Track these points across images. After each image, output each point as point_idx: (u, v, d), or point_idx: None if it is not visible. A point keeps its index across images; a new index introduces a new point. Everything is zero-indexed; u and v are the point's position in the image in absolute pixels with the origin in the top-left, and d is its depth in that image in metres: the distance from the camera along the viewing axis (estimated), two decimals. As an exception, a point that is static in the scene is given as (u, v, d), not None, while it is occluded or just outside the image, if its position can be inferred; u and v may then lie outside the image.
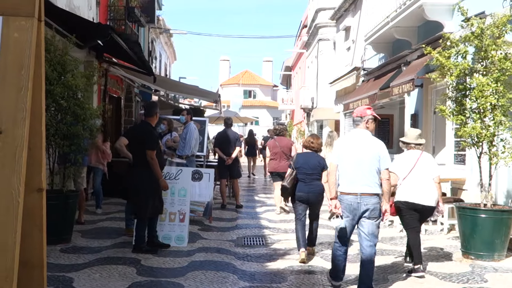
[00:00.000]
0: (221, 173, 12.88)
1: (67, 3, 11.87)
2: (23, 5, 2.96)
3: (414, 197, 7.04)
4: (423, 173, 7.12)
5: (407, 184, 7.11)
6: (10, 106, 2.91)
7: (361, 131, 6.20)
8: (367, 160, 5.94)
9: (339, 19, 25.22)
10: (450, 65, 8.12)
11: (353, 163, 5.96)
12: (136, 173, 7.77)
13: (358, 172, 5.92)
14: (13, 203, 2.84)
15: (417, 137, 7.45)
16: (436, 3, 11.54)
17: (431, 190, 7.09)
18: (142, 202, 7.74)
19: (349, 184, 5.95)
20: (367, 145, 6.06)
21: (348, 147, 6.12)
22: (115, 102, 18.22)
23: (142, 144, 7.72)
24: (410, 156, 7.31)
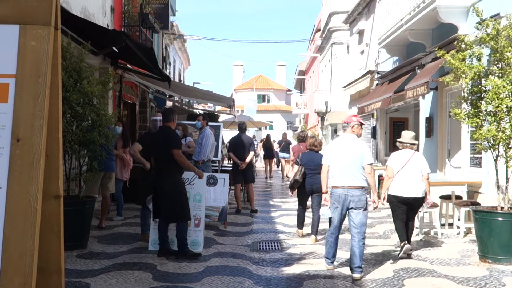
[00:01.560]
0: (235, 178, 12.88)
1: (82, 11, 11.98)
2: (40, 14, 3.00)
3: (404, 191, 8.11)
4: (414, 170, 8.16)
5: (399, 179, 8.17)
6: (28, 114, 2.94)
7: (347, 135, 7.31)
8: (353, 158, 7.02)
9: (353, 23, 25.18)
10: (464, 67, 8.07)
11: (341, 161, 7.06)
12: (165, 178, 7.82)
13: (346, 169, 7.00)
14: (31, 210, 2.87)
15: (411, 138, 8.49)
16: (450, 5, 11.48)
17: (420, 184, 8.13)
18: (178, 205, 7.80)
19: (339, 179, 7.04)
20: (352, 146, 7.13)
21: (338, 149, 7.24)
22: (129, 108, 18.33)
23: (167, 147, 7.76)
24: (404, 154, 8.35)
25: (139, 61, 13.17)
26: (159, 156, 7.95)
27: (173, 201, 7.77)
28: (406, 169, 8.15)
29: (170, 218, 7.90)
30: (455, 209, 10.04)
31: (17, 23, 3.01)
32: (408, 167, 8.16)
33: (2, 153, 2.96)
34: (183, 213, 7.83)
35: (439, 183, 11.13)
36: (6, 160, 2.95)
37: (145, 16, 17.07)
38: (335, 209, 7.09)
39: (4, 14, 3.02)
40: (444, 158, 13.08)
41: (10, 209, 2.89)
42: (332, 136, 33.40)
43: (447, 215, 10.53)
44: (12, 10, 3.01)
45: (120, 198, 11.23)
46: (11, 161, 2.94)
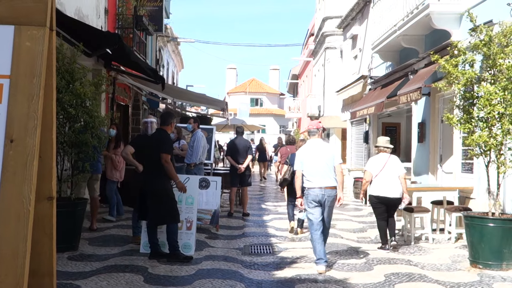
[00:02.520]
0: (232, 181, 12.89)
1: (76, 12, 11.96)
2: (35, 15, 2.99)
3: (383, 191, 9.02)
4: (391, 172, 9.03)
5: (378, 181, 9.09)
6: (21, 115, 2.93)
7: (317, 140, 8.04)
8: (325, 160, 7.70)
9: (346, 28, 25.25)
10: (457, 73, 8.11)
11: (316, 164, 7.68)
12: (154, 180, 7.81)
13: (320, 171, 7.65)
14: (24, 211, 2.86)
15: (386, 142, 9.39)
16: (444, 11, 11.53)
17: (397, 185, 8.99)
18: (170, 207, 7.80)
19: (314, 180, 7.63)
20: (324, 149, 7.87)
21: (311, 153, 7.81)
22: (122, 110, 18.30)
23: (158, 150, 7.76)
24: (380, 158, 9.25)
25: (132, 63, 13.16)
26: (150, 158, 7.93)
27: (162, 203, 7.77)
28: (384, 171, 9.06)
29: (159, 220, 7.90)
30: (447, 214, 10.08)
31: (12, 23, 3.00)
32: (386, 170, 9.06)
33: (-5, 153, 2.95)
34: (172, 215, 7.83)
35: (431, 188, 11.18)
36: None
37: (139, 18, 17.06)
38: (315, 207, 7.65)
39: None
40: (436, 164, 13.13)
41: (2, 210, 2.88)
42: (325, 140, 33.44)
43: (438, 220, 10.58)
44: (7, 11, 3.00)
45: (112, 198, 11.22)
46: (4, 161, 2.93)
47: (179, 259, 7.73)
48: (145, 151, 8.17)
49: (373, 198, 9.25)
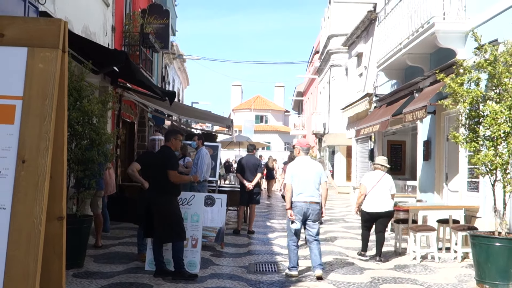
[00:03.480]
0: (241, 199, 12.90)
1: (84, 29, 12.06)
2: (48, 37, 3.03)
3: (375, 207, 9.62)
4: (383, 189, 9.66)
5: (371, 196, 9.67)
6: (33, 136, 2.97)
7: (306, 157, 8.65)
8: (312, 177, 8.34)
9: (351, 46, 25.36)
10: (463, 92, 8.13)
11: (304, 180, 8.30)
12: (160, 198, 7.82)
13: (306, 186, 8.26)
14: (35, 231, 2.88)
15: (383, 161, 10.06)
16: (449, 30, 11.58)
17: (388, 201, 9.66)
18: (176, 225, 7.80)
19: (301, 195, 8.25)
20: (311, 167, 8.47)
21: (299, 169, 8.42)
22: (128, 127, 18.36)
23: (163, 168, 7.78)
24: (375, 175, 9.90)
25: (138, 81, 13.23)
26: (155, 176, 7.96)
27: (168, 221, 7.77)
28: (377, 188, 9.67)
29: (165, 237, 7.89)
30: (453, 233, 10.05)
31: (25, 45, 3.05)
32: (379, 186, 9.67)
33: (7, 174, 2.98)
34: (178, 233, 7.82)
35: (437, 207, 11.15)
36: (11, 181, 2.97)
37: (145, 36, 17.18)
38: (298, 220, 8.28)
39: (13, 37, 3.06)
40: (441, 182, 13.11)
41: (13, 230, 2.90)
42: (330, 157, 33.47)
43: (444, 239, 10.53)
44: (21, 33, 3.05)
45: (105, 214, 11.26)
46: (16, 182, 2.96)
47: (184, 277, 7.72)
48: (151, 168, 8.21)
49: (364, 212, 9.84)
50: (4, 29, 3.06)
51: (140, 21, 17.63)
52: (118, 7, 15.91)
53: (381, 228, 9.79)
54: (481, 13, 10.83)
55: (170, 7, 22.69)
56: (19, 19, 3.10)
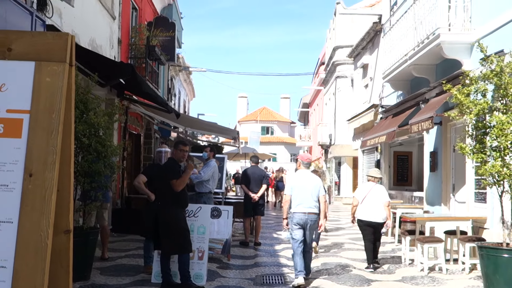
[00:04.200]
0: (245, 210, 12.88)
1: (90, 42, 12.13)
2: (55, 51, 3.06)
3: (368, 216, 10.06)
4: (375, 199, 10.07)
5: (364, 206, 10.14)
6: (41, 149, 2.99)
7: (306, 171, 9.19)
8: (311, 189, 8.80)
9: (357, 57, 25.40)
10: (469, 103, 8.11)
11: (303, 192, 8.78)
12: (166, 210, 7.82)
13: (305, 198, 8.74)
14: (42, 245, 2.89)
15: (374, 173, 10.59)
16: (454, 41, 11.60)
17: (380, 211, 10.02)
18: (182, 237, 7.79)
19: (299, 206, 8.73)
20: (311, 180, 8.93)
21: (298, 182, 8.91)
22: (134, 139, 18.40)
23: (166, 179, 7.81)
24: (367, 187, 10.38)
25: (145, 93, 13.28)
26: (160, 188, 7.97)
27: (174, 233, 7.76)
28: (368, 198, 10.13)
29: (171, 250, 7.87)
30: (460, 244, 9.99)
31: (33, 59, 3.07)
32: (370, 197, 10.12)
33: (14, 187, 3.00)
34: (184, 245, 7.80)
35: (444, 218, 11.09)
36: (18, 195, 2.98)
37: (151, 48, 17.27)
38: (298, 229, 8.71)
39: (21, 51, 3.08)
40: (448, 193, 13.06)
41: (21, 243, 2.91)
42: (336, 168, 33.43)
43: (451, 251, 10.47)
44: (28, 47, 3.07)
45: None
46: (23, 196, 2.97)
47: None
48: (155, 181, 8.23)
49: (359, 221, 10.30)
50: (11, 44, 3.09)
51: (146, 34, 17.73)
52: (124, 20, 16.01)
53: (378, 237, 10.35)
54: (487, 24, 10.84)
55: (176, 19, 22.81)
56: (27, 34, 3.13)
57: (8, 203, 3.00)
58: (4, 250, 2.95)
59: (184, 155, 8.12)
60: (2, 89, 3.10)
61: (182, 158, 8.09)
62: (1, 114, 3.10)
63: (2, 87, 3.09)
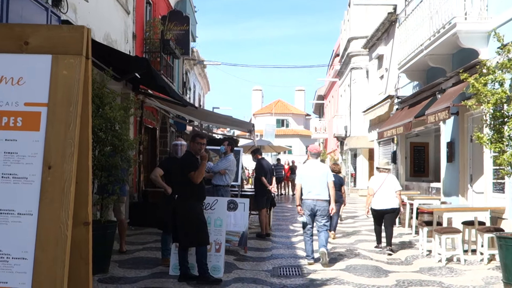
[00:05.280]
0: (262, 202, 12.90)
1: (105, 37, 12.18)
2: (72, 44, 3.07)
3: (381, 205, 10.79)
4: (388, 188, 10.79)
5: (378, 196, 10.84)
6: (59, 142, 3.00)
7: (316, 161, 9.91)
8: (319, 177, 9.53)
9: (372, 48, 25.24)
10: (487, 92, 8.03)
11: (312, 181, 9.54)
12: (183, 203, 7.85)
13: (314, 185, 9.50)
14: (62, 236, 2.91)
15: (385, 164, 11.49)
16: (471, 30, 11.47)
17: (393, 199, 10.75)
18: (200, 230, 7.81)
19: (309, 193, 9.52)
20: (318, 168, 9.69)
21: (307, 170, 9.75)
22: (150, 133, 18.47)
23: (183, 173, 7.83)
24: (380, 177, 11.07)
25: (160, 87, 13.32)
26: (179, 181, 7.99)
27: (191, 226, 7.78)
28: (382, 188, 10.80)
29: (188, 242, 7.89)
30: (478, 235, 9.92)
31: (49, 53, 3.09)
32: (384, 187, 10.80)
33: (33, 180, 3.02)
34: (201, 238, 7.83)
35: (461, 208, 11.03)
36: (37, 187, 3.01)
37: (166, 43, 17.30)
38: (308, 215, 9.52)
39: (38, 45, 3.10)
40: (466, 184, 12.97)
41: (41, 235, 2.94)
42: (352, 160, 33.34)
43: (470, 241, 10.41)
44: (45, 41, 3.09)
45: None
46: (43, 188, 3.00)
47: (208, 282, 7.72)
48: (173, 174, 8.26)
49: (372, 210, 11.04)
50: (28, 37, 3.11)
51: (160, 28, 17.76)
52: (138, 15, 16.05)
53: (389, 223, 10.90)
54: (503, 13, 10.71)
55: (190, 13, 22.82)
56: (43, 27, 3.14)
57: (27, 196, 3.02)
58: (24, 242, 2.98)
59: (201, 147, 8.08)
60: (20, 83, 3.12)
61: (199, 150, 8.06)
62: (19, 107, 3.12)
63: (20, 80, 3.12)
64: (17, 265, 2.96)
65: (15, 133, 3.09)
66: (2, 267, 2.99)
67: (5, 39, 3.12)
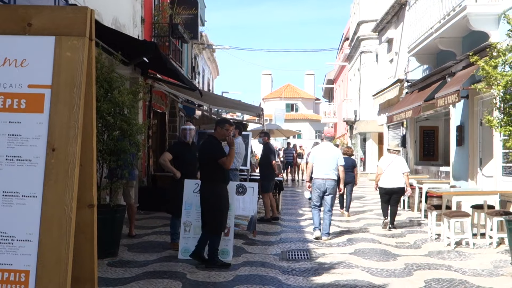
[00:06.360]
0: (270, 186, 12.92)
1: (113, 22, 12.15)
2: (75, 25, 3.05)
3: (389, 183, 11.59)
4: (396, 169, 11.57)
5: (385, 175, 11.62)
6: (63, 124, 3.00)
7: (328, 143, 10.79)
8: (330, 159, 10.41)
9: (382, 31, 25.07)
10: (497, 75, 7.96)
11: (323, 161, 10.40)
12: (209, 188, 7.85)
13: (324, 166, 10.37)
14: (66, 219, 2.91)
15: (395, 146, 12.21)
16: (481, 13, 11.35)
17: (400, 178, 11.54)
18: (219, 217, 7.82)
19: (319, 172, 10.40)
20: (330, 151, 10.57)
21: (320, 152, 10.58)
22: (159, 118, 18.48)
23: (210, 158, 7.81)
24: (389, 157, 11.90)
25: (169, 71, 13.30)
26: (203, 166, 8.00)
27: (215, 211, 7.80)
28: (390, 168, 11.60)
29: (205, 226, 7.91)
30: (487, 219, 9.89)
31: (53, 34, 3.07)
32: (391, 167, 11.59)
33: (37, 162, 3.02)
34: (218, 225, 7.83)
35: (471, 192, 10.97)
36: (41, 169, 3.01)
37: (174, 27, 17.24)
38: (317, 194, 10.40)
39: (41, 26, 3.08)
40: (475, 167, 12.91)
41: (45, 217, 2.95)
42: (361, 144, 33.26)
43: (479, 225, 10.38)
44: (48, 22, 3.07)
45: None
46: (47, 170, 3.00)
47: (217, 266, 7.75)
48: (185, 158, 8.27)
49: (380, 189, 11.86)
50: (31, 18, 3.09)
51: (169, 12, 17.70)
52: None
53: (394, 202, 11.82)
54: (515, -6, 10.58)
55: (198, -3, 22.69)
56: (46, 8, 3.12)
57: (32, 178, 3.03)
58: (29, 224, 2.99)
59: (229, 134, 8.08)
60: (23, 65, 3.11)
61: (225, 136, 8.05)
62: (23, 89, 3.12)
63: (23, 62, 3.11)
64: (22, 247, 2.97)
65: (19, 115, 3.08)
66: (7, 249, 3.00)
67: (8, 21, 3.10)
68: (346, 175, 12.11)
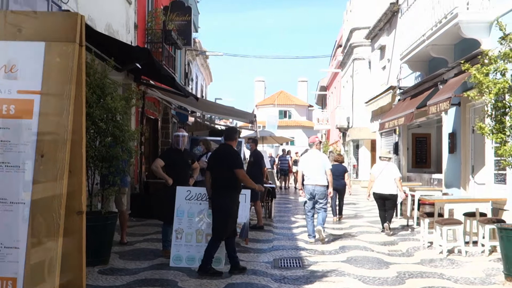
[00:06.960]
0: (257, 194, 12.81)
1: (106, 28, 12.12)
2: (65, 31, 3.04)
3: (381, 189, 12.11)
4: (388, 175, 12.08)
5: (378, 182, 12.15)
6: (52, 130, 2.97)
7: (314, 150, 11.26)
8: (318, 166, 10.84)
9: (374, 38, 25.14)
10: (489, 82, 7.98)
11: (310, 168, 10.91)
12: (220, 195, 7.85)
13: (312, 173, 10.84)
14: (54, 225, 2.89)
15: (386, 153, 12.84)
16: (473, 20, 11.40)
17: (392, 185, 12.06)
18: (223, 223, 7.81)
19: (309, 179, 10.86)
20: (317, 157, 11.00)
21: (307, 160, 11.15)
22: (152, 124, 18.44)
23: (225, 165, 7.83)
24: (380, 165, 12.52)
25: (162, 77, 13.28)
26: (218, 173, 7.96)
27: (221, 217, 7.81)
28: (382, 174, 12.12)
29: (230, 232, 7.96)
30: (480, 226, 9.89)
31: (43, 40, 3.05)
32: (383, 173, 12.11)
33: (26, 168, 3.00)
34: (220, 231, 7.82)
35: (463, 200, 10.99)
36: (30, 176, 2.98)
37: (168, 33, 17.23)
38: (309, 199, 10.88)
39: (31, 32, 3.06)
40: (467, 175, 12.93)
41: (33, 224, 2.92)
42: (354, 151, 33.31)
43: (471, 233, 10.38)
44: (38, 28, 3.05)
45: None
46: (35, 176, 2.98)
47: (209, 274, 7.71)
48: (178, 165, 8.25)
49: (374, 194, 12.31)
50: (22, 24, 3.08)
51: (162, 18, 17.69)
52: (140, 5, 15.98)
53: (390, 207, 12.29)
54: (505, 2, 10.62)
55: (192, 3, 22.77)
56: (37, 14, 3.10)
57: (20, 184, 3.00)
58: (16, 231, 2.96)
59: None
60: (13, 70, 3.09)
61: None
62: (12, 95, 3.09)
63: (13, 68, 3.09)
64: (9, 254, 2.94)
65: (8, 121, 3.06)
66: (-6, 256, 2.97)
67: (-2, 26, 3.08)
68: (337, 180, 12.94)
